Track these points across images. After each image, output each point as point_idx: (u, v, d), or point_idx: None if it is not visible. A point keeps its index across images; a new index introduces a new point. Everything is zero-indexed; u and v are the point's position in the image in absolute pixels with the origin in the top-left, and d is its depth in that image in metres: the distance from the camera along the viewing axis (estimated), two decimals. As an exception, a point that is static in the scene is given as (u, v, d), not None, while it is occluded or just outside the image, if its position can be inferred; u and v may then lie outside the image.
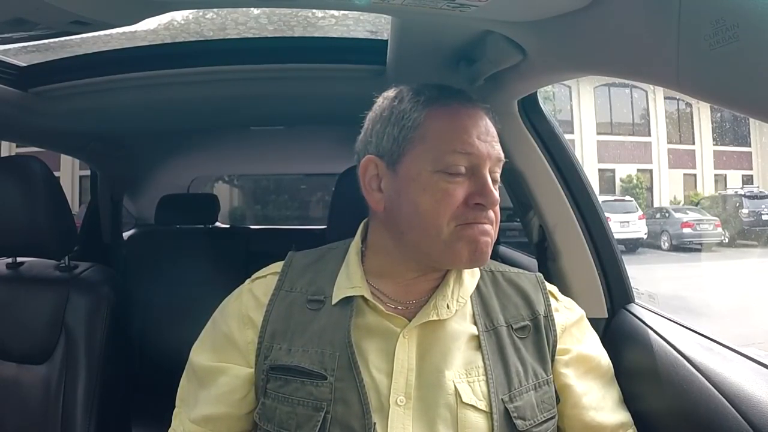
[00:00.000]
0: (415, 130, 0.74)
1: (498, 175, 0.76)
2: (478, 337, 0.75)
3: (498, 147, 0.76)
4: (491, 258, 0.87)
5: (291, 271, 0.82)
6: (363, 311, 0.76)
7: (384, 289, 0.78)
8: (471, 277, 0.80)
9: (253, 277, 0.84)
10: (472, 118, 0.75)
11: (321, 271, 0.81)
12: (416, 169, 0.73)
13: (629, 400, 0.81)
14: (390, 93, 0.80)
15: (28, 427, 1.09)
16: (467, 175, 0.73)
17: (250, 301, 0.80)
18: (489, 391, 0.71)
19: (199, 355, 0.80)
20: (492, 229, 0.75)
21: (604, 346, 0.84)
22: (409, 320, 0.74)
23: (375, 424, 0.68)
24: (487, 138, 0.75)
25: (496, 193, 0.74)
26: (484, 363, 0.73)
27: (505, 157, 1.10)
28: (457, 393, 0.71)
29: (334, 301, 0.76)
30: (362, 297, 0.76)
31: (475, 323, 0.76)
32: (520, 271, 0.86)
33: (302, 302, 0.78)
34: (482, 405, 0.71)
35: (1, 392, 1.10)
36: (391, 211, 0.76)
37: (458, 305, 0.76)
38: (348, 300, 0.76)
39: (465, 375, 0.72)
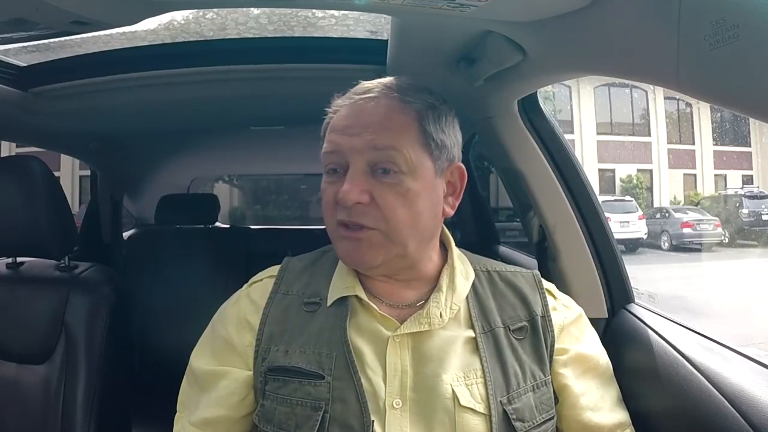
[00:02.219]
0: (324, 137, 0.77)
1: (390, 165, 0.71)
2: (475, 339, 0.75)
3: (376, 136, 0.71)
4: (491, 257, 0.87)
5: (287, 275, 0.82)
6: (357, 311, 0.76)
7: (378, 290, 0.78)
8: (465, 280, 0.79)
9: (250, 281, 0.85)
10: (346, 115, 0.74)
11: (316, 274, 0.81)
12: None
13: (629, 400, 0.81)
14: None
15: (28, 427, 1.09)
16: (345, 173, 0.72)
17: (247, 305, 0.80)
18: (487, 393, 0.71)
19: (199, 359, 0.80)
20: (368, 234, 0.71)
21: (604, 346, 0.84)
22: (402, 322, 0.74)
23: (374, 422, 0.68)
24: (355, 130, 0.72)
25: (389, 190, 0.70)
26: (482, 365, 0.73)
27: (505, 157, 1.10)
28: (454, 397, 0.70)
29: (329, 303, 0.76)
30: (357, 297, 0.76)
31: (472, 325, 0.76)
32: (517, 269, 0.85)
33: (299, 305, 0.78)
34: (481, 408, 0.70)
35: (1, 392, 1.10)
36: None
37: (451, 312, 0.76)
38: (343, 301, 0.76)
39: (463, 378, 0.72)
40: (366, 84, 0.77)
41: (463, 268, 0.80)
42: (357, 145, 0.71)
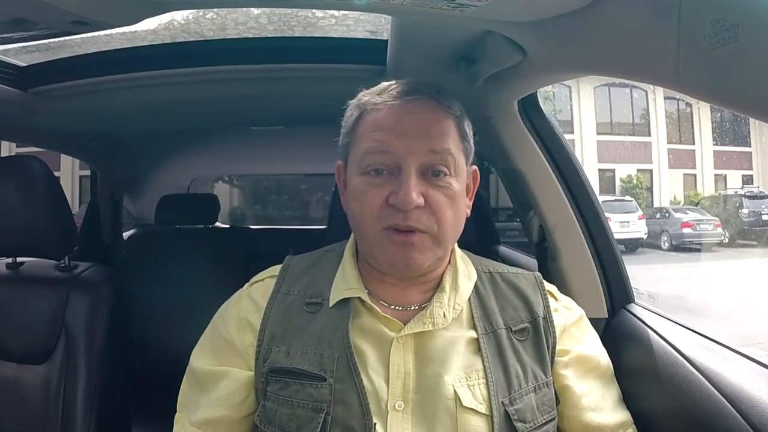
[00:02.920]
0: (350, 134, 0.76)
1: (442, 169, 0.71)
2: (477, 340, 0.75)
3: (433, 140, 0.71)
4: (491, 258, 0.88)
5: (289, 274, 0.82)
6: (360, 313, 0.76)
7: (380, 291, 0.78)
8: (468, 281, 0.79)
9: (252, 281, 0.84)
10: (395, 115, 0.72)
11: (318, 274, 0.81)
12: (350, 174, 0.76)
13: (629, 400, 0.81)
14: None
15: (28, 427, 1.09)
16: (393, 174, 0.71)
17: (248, 305, 0.80)
18: (489, 394, 0.71)
19: (200, 359, 0.80)
20: (420, 237, 0.70)
21: (604, 346, 0.84)
22: (405, 324, 0.74)
23: (375, 424, 0.68)
24: (412, 132, 0.71)
25: (440, 193, 0.71)
26: (484, 366, 0.73)
27: (505, 157, 1.10)
28: (456, 397, 0.70)
29: (331, 303, 0.76)
30: (359, 299, 0.76)
31: (474, 326, 0.76)
32: (519, 270, 0.85)
33: (300, 305, 0.78)
34: (482, 408, 0.70)
35: (1, 392, 1.10)
36: (348, 215, 0.78)
37: (455, 312, 0.76)
38: (345, 302, 0.76)
39: (465, 378, 0.72)
40: (398, 84, 0.76)
41: (465, 269, 0.80)
42: (415, 147, 0.70)
